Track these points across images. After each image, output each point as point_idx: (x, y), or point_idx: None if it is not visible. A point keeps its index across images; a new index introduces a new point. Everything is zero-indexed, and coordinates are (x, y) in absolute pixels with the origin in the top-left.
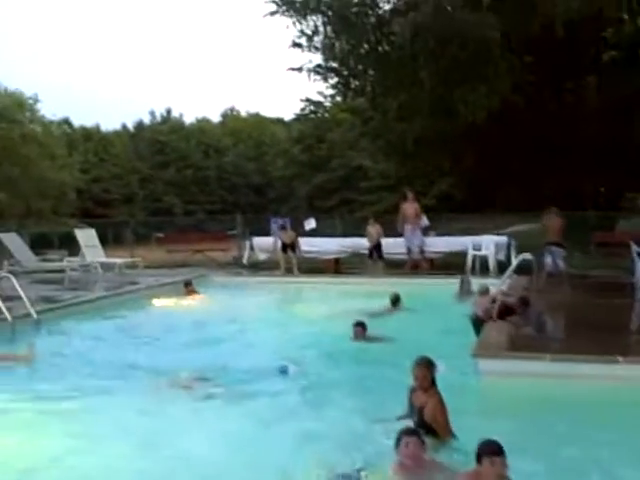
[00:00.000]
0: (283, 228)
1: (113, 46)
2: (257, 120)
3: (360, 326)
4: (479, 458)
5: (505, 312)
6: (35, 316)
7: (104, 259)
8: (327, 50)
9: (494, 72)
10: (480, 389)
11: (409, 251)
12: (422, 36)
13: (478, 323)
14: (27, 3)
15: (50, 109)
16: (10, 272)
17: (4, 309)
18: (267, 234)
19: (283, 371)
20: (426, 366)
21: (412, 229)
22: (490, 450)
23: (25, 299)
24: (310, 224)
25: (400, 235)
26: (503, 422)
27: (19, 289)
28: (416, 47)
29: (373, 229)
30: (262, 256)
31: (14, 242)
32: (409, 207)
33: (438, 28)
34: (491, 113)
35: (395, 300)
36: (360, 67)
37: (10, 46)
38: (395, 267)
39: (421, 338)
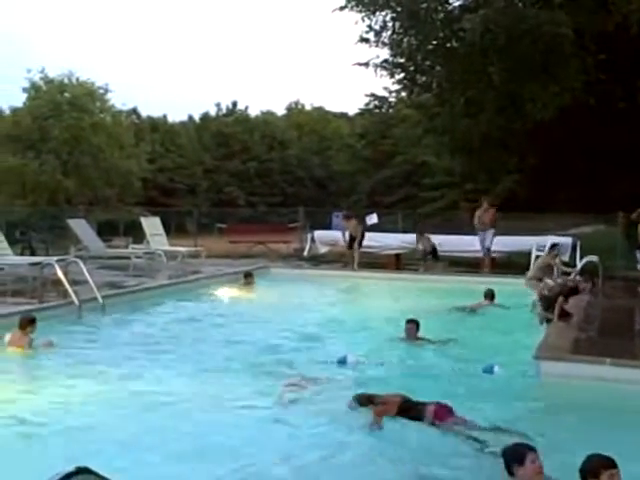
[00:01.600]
0: (346, 217)
1: (182, 38)
2: (321, 114)
3: (413, 324)
4: (597, 473)
5: (570, 292)
6: (101, 301)
7: (168, 248)
8: (395, 46)
9: (566, 70)
10: (541, 391)
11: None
12: (492, 32)
13: (543, 300)
14: None
15: (119, 99)
16: (77, 257)
17: (71, 293)
18: (328, 228)
19: (341, 361)
20: None
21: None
22: (608, 464)
23: (92, 284)
24: (372, 219)
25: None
26: (562, 425)
27: (86, 274)
28: (485, 43)
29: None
30: (323, 249)
31: (83, 228)
32: (485, 215)
33: (508, 24)
34: (559, 110)
35: (491, 295)
36: (427, 63)
37: (82, 37)
38: (455, 265)
39: (479, 340)
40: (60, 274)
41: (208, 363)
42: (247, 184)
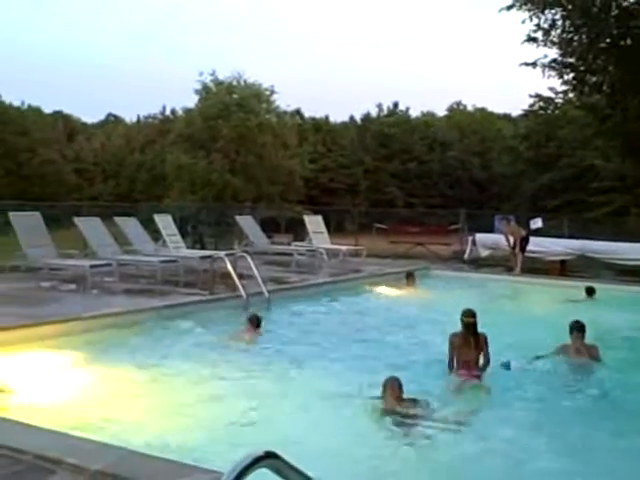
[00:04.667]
0: (504, 220)
1: (343, 40)
2: (483, 115)
3: (579, 332)
4: None
5: None
6: (267, 295)
7: (329, 246)
8: (564, 45)
9: None
10: None
11: None
12: None
13: None
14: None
15: (284, 100)
16: (243, 252)
17: (240, 286)
18: (489, 230)
19: (505, 366)
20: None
21: None
22: None
23: (259, 278)
24: (536, 223)
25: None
26: None
27: (254, 268)
28: None
29: None
30: (484, 252)
31: (249, 224)
32: None
33: None
34: None
35: None
36: (599, 62)
37: (251, 41)
38: (629, 274)
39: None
40: (230, 268)
41: (369, 360)
42: (407, 185)
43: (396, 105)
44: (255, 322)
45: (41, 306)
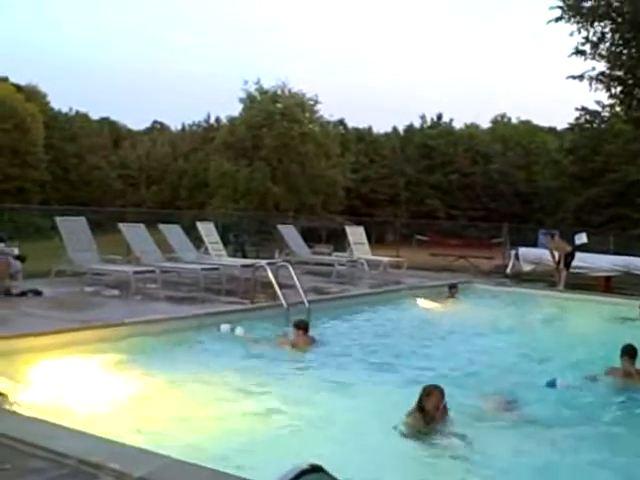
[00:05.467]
0: (549, 235)
1: (385, 50)
2: (528, 128)
3: (630, 358)
4: None
5: None
6: (307, 305)
7: (370, 257)
8: (613, 58)
9: None
10: None
11: None
12: None
13: None
14: (310, 10)
15: (328, 110)
16: (285, 261)
17: (281, 295)
18: (532, 245)
19: (550, 384)
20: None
21: None
22: None
23: (300, 288)
24: (581, 239)
25: None
26: None
27: (295, 278)
28: None
29: None
30: (527, 267)
31: (291, 234)
32: None
33: None
34: None
35: None
36: None
37: (296, 50)
38: None
39: None
40: (271, 277)
41: (407, 374)
42: (448, 197)
43: (440, 117)
44: (304, 327)
45: (86, 311)
